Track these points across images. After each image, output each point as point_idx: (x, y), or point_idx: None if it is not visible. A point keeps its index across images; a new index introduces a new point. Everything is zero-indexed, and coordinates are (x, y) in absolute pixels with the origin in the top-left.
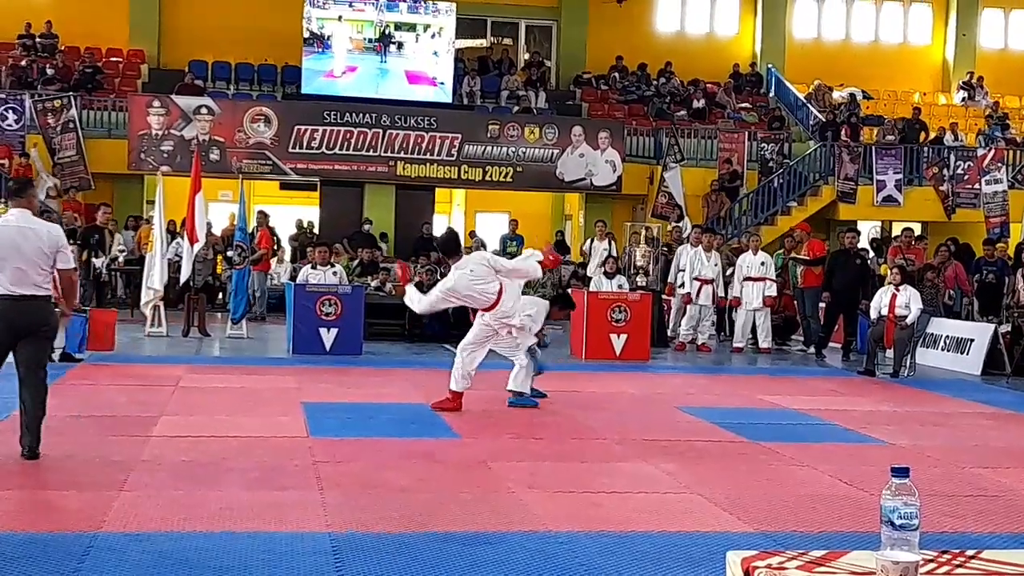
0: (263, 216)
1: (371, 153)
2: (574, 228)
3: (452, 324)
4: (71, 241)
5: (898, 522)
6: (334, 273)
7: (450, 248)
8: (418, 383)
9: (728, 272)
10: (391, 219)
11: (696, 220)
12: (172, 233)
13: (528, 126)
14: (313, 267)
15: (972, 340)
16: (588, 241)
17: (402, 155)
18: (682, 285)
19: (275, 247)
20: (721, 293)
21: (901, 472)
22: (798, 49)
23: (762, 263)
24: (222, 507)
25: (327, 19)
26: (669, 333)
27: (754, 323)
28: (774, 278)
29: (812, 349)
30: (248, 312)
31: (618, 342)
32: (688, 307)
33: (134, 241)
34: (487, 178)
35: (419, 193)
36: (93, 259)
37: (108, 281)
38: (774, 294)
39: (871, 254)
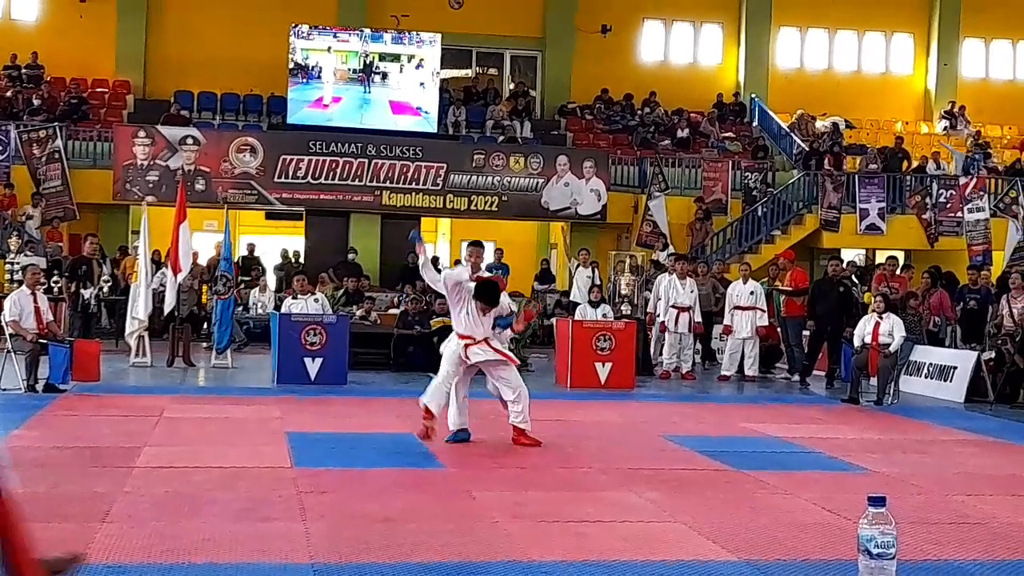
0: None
1: (356, 183)
2: (559, 257)
3: (437, 353)
4: (57, 273)
5: (875, 551)
6: (315, 300)
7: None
8: (403, 413)
9: (716, 301)
10: (376, 248)
11: (681, 249)
12: (157, 263)
13: (513, 155)
14: (294, 297)
15: (955, 368)
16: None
17: (387, 185)
18: (659, 314)
19: (256, 276)
20: (698, 319)
21: (878, 501)
22: (781, 79)
23: (751, 292)
24: (205, 538)
25: (312, 50)
26: (653, 361)
27: (742, 351)
28: (763, 307)
29: (796, 377)
30: (232, 342)
31: (603, 370)
32: (667, 335)
33: (119, 272)
34: (472, 207)
35: (405, 222)
36: (82, 290)
37: (96, 313)
38: (766, 323)
39: (856, 282)
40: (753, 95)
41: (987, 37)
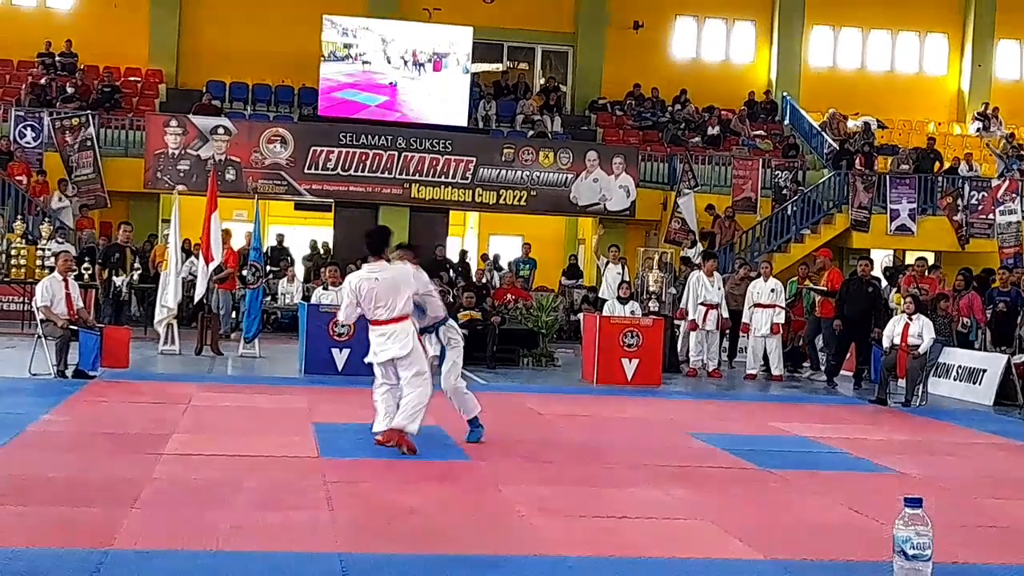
0: (227, 234)
1: (386, 175)
2: (587, 253)
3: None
4: (90, 260)
5: (911, 552)
6: None
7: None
8: (430, 404)
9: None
10: (405, 241)
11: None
12: (187, 252)
13: (543, 150)
14: (324, 287)
15: (984, 370)
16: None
17: (417, 177)
18: (688, 311)
19: (284, 266)
20: (725, 315)
21: (914, 502)
22: (813, 77)
23: (772, 290)
24: (232, 526)
25: (344, 41)
26: (680, 358)
27: (766, 350)
28: (783, 305)
29: (823, 375)
30: (261, 331)
31: (630, 367)
32: (693, 333)
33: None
34: (501, 201)
35: (433, 216)
36: (114, 277)
37: (127, 300)
38: (782, 321)
39: (883, 283)
40: (785, 93)
41: (1022, 38)
